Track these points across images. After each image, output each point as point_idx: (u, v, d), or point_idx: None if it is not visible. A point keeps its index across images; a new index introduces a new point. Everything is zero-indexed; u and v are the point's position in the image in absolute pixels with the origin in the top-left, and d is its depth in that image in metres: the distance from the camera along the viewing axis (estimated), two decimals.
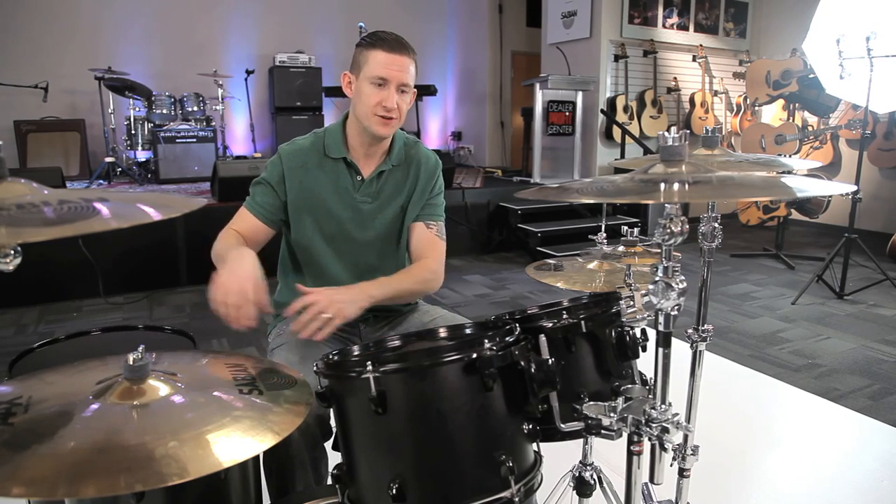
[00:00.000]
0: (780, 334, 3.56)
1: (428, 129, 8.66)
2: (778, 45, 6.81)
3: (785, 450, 2.34)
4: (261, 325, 1.39)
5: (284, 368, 1.04)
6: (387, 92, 1.48)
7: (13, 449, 0.74)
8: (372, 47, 1.49)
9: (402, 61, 1.49)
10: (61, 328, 3.71)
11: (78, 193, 0.77)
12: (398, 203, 1.65)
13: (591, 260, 1.57)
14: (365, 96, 1.50)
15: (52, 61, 6.30)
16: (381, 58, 1.48)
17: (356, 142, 1.60)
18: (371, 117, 1.51)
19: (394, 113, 1.50)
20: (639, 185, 0.97)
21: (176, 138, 5.79)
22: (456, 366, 0.94)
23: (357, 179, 1.61)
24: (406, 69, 1.50)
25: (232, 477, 1.03)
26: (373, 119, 1.51)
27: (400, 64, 1.49)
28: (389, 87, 1.48)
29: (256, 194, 1.61)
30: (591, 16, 6.29)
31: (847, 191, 0.96)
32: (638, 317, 1.04)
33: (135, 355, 0.87)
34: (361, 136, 1.58)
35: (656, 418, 1.00)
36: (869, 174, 5.95)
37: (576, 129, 6.21)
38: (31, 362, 1.46)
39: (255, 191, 1.61)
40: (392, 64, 1.48)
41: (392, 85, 1.48)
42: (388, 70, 1.47)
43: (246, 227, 1.59)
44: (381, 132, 1.53)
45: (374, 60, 1.48)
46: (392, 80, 1.48)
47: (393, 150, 1.64)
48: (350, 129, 1.60)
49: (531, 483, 0.99)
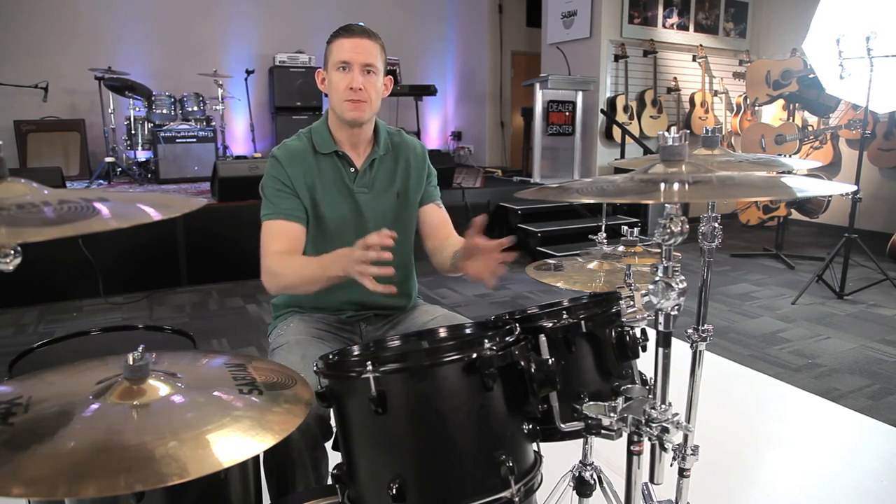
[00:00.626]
0: (780, 334, 3.56)
1: (428, 129, 8.66)
2: (778, 45, 6.81)
3: (785, 450, 2.33)
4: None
5: (284, 368, 1.04)
6: (351, 74, 1.52)
7: (13, 449, 0.74)
8: (336, 38, 1.55)
9: (364, 43, 1.53)
10: (61, 328, 3.71)
11: (78, 193, 0.77)
12: (393, 191, 1.67)
13: (591, 260, 1.57)
14: (334, 84, 1.54)
15: (52, 61, 6.31)
16: (344, 44, 1.53)
17: (340, 135, 1.62)
18: (342, 104, 1.54)
19: (361, 94, 1.52)
20: (639, 185, 0.97)
21: (176, 138, 5.79)
22: (456, 366, 0.94)
23: (351, 171, 1.63)
24: (368, 50, 1.53)
25: (232, 477, 1.03)
26: (344, 105, 1.54)
27: (361, 46, 1.52)
28: (353, 69, 1.52)
29: (279, 202, 1.56)
30: (591, 16, 6.29)
31: (847, 191, 0.96)
32: (638, 317, 1.04)
33: (135, 355, 0.87)
34: (342, 128, 1.61)
35: (656, 418, 1.00)
36: (869, 174, 5.95)
37: (576, 129, 6.21)
38: (31, 362, 1.46)
39: (275, 199, 1.57)
40: (354, 48, 1.52)
41: (355, 66, 1.52)
42: (349, 53, 1.52)
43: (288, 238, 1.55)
44: (353, 116, 1.55)
45: (338, 48, 1.53)
46: (354, 61, 1.52)
47: (379, 139, 1.67)
48: (332, 123, 1.63)
49: (531, 483, 0.99)
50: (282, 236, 1.54)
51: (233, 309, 4.10)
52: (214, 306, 4.18)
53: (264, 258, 1.52)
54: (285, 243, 1.53)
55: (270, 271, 1.50)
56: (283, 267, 1.49)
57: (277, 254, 1.52)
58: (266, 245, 1.53)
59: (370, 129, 1.65)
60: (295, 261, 1.51)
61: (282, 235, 1.54)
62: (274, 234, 1.54)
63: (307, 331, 1.58)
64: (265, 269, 1.51)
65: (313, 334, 1.58)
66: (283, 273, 1.49)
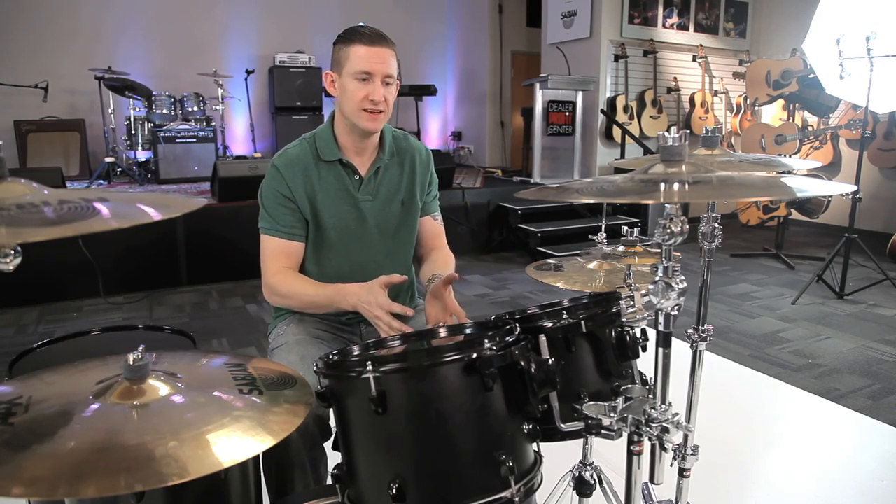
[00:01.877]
0: (780, 334, 3.56)
1: (428, 129, 8.66)
2: (778, 45, 6.81)
3: (785, 450, 2.34)
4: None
5: (284, 368, 1.04)
6: (372, 86, 1.48)
7: (13, 449, 0.74)
8: (351, 43, 1.49)
9: (384, 53, 1.49)
10: (61, 328, 3.71)
11: (78, 193, 0.76)
12: (398, 198, 1.65)
13: (591, 260, 1.57)
14: (350, 92, 1.50)
15: (52, 61, 6.31)
16: (363, 52, 1.48)
17: (346, 141, 1.59)
18: (359, 113, 1.50)
19: (381, 105, 1.50)
20: (639, 185, 0.97)
21: (176, 138, 5.79)
22: (456, 366, 0.93)
23: (355, 179, 1.61)
24: (388, 61, 1.50)
25: (232, 477, 1.03)
26: (361, 115, 1.51)
27: (382, 56, 1.49)
28: (374, 81, 1.48)
29: (278, 217, 1.56)
30: (591, 16, 6.29)
31: (847, 191, 0.96)
32: (638, 317, 1.04)
33: (135, 355, 0.87)
34: (351, 134, 1.57)
35: (656, 418, 1.00)
36: (869, 174, 5.95)
37: (576, 129, 6.21)
38: (31, 362, 1.46)
39: (275, 213, 1.56)
40: (374, 57, 1.48)
41: (377, 78, 1.49)
42: (370, 64, 1.48)
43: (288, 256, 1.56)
44: (371, 127, 1.52)
45: (356, 55, 1.48)
46: (376, 73, 1.48)
47: (384, 144, 1.64)
48: (339, 128, 1.59)
49: (531, 483, 0.99)
50: (283, 255, 1.56)
51: (233, 309, 4.10)
52: (214, 306, 4.18)
53: (266, 276, 1.55)
54: (286, 261, 1.56)
55: (274, 290, 1.54)
56: (290, 288, 1.53)
57: (280, 273, 1.54)
58: (267, 262, 1.56)
59: (378, 136, 1.63)
60: (302, 285, 1.54)
61: (282, 254, 1.56)
62: (275, 251, 1.56)
63: (307, 331, 1.58)
64: (268, 286, 1.55)
65: (313, 334, 1.58)
66: (290, 295, 1.54)
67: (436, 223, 1.75)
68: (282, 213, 1.55)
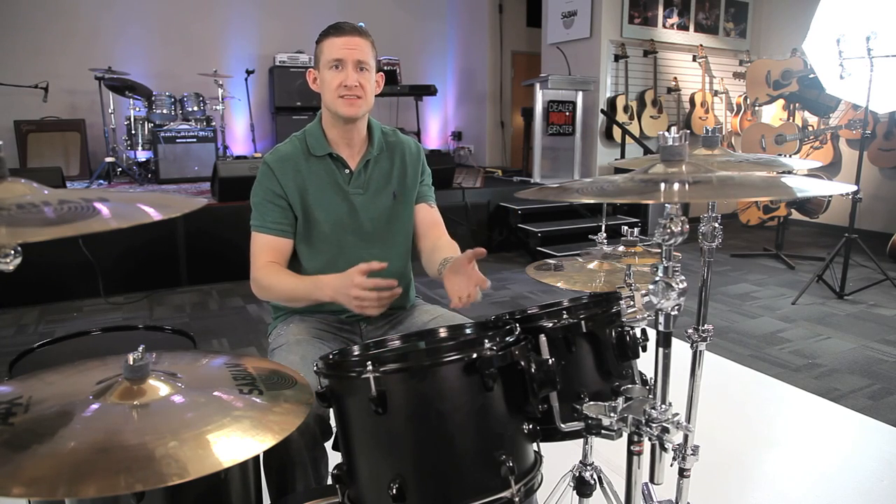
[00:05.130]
0: (780, 334, 3.56)
1: (428, 129, 8.66)
2: (778, 45, 6.81)
3: (785, 450, 2.33)
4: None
5: (284, 368, 1.04)
6: (345, 72, 1.53)
7: (13, 449, 0.74)
8: (326, 37, 1.56)
9: (356, 41, 1.54)
10: (61, 328, 3.71)
11: (78, 193, 0.76)
12: (389, 190, 1.67)
13: (592, 260, 1.57)
14: (327, 83, 1.55)
15: (53, 61, 6.31)
16: (336, 42, 1.53)
17: (334, 134, 1.63)
18: (336, 100, 1.55)
19: (357, 91, 1.54)
20: (639, 185, 0.97)
21: (176, 138, 5.79)
22: (456, 366, 0.94)
23: (346, 172, 1.63)
24: (360, 48, 1.54)
25: (232, 477, 1.03)
26: (338, 102, 1.55)
27: (352, 43, 1.53)
28: (346, 67, 1.53)
29: (267, 214, 1.59)
30: (592, 16, 6.29)
31: (847, 191, 0.96)
32: (638, 317, 1.04)
33: (135, 355, 0.87)
34: (336, 126, 1.61)
35: (656, 418, 1.00)
36: (869, 174, 5.95)
37: (576, 129, 6.21)
38: (31, 362, 1.46)
39: (263, 211, 1.59)
40: (345, 45, 1.53)
41: (348, 63, 1.53)
42: (342, 51, 1.52)
43: (275, 251, 1.59)
44: (349, 112, 1.55)
45: (329, 47, 1.54)
46: (347, 58, 1.52)
47: (373, 138, 1.67)
48: (326, 123, 1.64)
49: (531, 483, 0.99)
50: (270, 250, 1.59)
51: (233, 309, 4.10)
52: (214, 306, 4.18)
53: (254, 269, 1.58)
54: (273, 256, 1.59)
55: (259, 283, 1.57)
56: (272, 281, 1.56)
57: (266, 266, 1.57)
58: (255, 257, 1.59)
59: (364, 127, 1.65)
60: (283, 277, 1.56)
61: (270, 249, 1.59)
62: (262, 247, 1.59)
63: (307, 331, 1.58)
64: (254, 280, 1.58)
65: (313, 334, 1.58)
66: (270, 287, 1.56)
67: (432, 210, 1.75)
68: (270, 210, 1.59)
